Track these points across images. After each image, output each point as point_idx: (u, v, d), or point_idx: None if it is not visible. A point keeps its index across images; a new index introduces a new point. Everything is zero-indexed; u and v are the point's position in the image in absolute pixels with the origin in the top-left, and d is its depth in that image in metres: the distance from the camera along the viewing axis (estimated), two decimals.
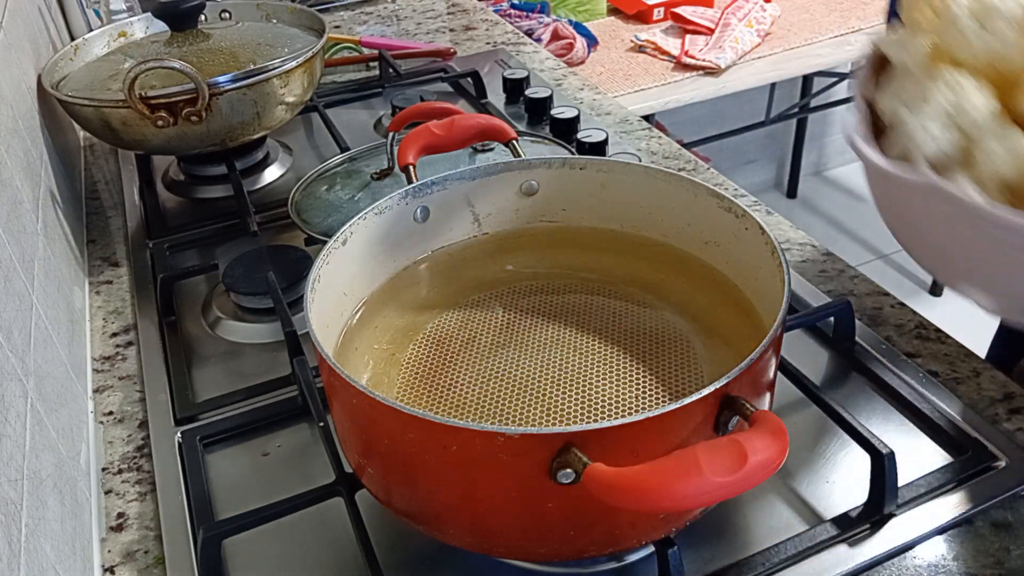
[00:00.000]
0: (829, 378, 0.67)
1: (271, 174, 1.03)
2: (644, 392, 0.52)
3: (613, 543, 0.48)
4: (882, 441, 0.55)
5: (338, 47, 1.32)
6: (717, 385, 0.42)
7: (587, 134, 0.96)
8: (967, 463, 0.58)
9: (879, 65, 0.51)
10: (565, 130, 1.01)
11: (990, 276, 0.45)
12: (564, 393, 0.52)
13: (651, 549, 0.54)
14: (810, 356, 0.69)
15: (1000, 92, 0.43)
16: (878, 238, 2.48)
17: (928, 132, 0.43)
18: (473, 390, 0.54)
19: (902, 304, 0.74)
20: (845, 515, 0.55)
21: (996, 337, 0.81)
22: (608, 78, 1.75)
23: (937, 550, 0.54)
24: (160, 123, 0.85)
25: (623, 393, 0.52)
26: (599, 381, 0.53)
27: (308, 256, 0.81)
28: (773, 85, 2.35)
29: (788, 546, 0.54)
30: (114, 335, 0.79)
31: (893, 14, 0.54)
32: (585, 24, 1.90)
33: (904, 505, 0.56)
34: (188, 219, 0.95)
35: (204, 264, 0.86)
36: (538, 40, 1.74)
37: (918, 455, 0.59)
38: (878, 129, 0.49)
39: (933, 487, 0.57)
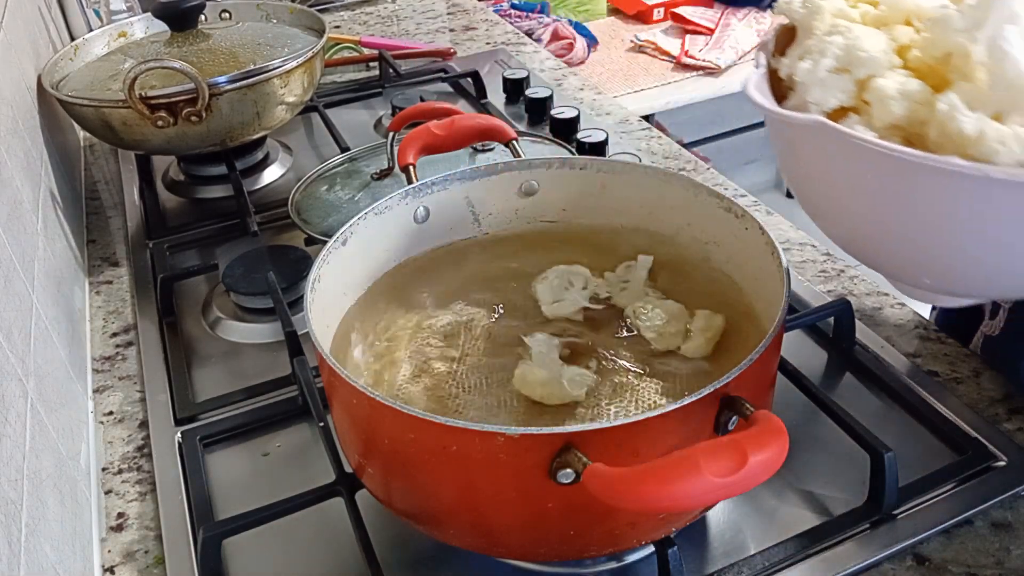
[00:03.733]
0: (829, 378, 0.67)
1: (271, 174, 1.03)
2: (644, 393, 0.52)
3: (613, 543, 0.48)
4: (882, 441, 0.55)
5: (338, 47, 1.32)
6: (717, 385, 0.42)
7: (587, 134, 0.96)
8: (967, 463, 0.58)
9: (787, 36, 0.51)
10: (565, 130, 1.01)
11: (878, 223, 0.44)
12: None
13: (651, 549, 0.54)
14: (810, 356, 0.69)
15: (897, 49, 0.44)
16: None
17: (822, 81, 0.43)
18: (473, 390, 0.53)
19: (902, 304, 0.74)
20: (845, 515, 0.55)
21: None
22: (608, 78, 1.74)
23: (937, 550, 0.54)
24: (160, 123, 0.85)
25: (623, 393, 0.52)
26: (599, 381, 0.53)
27: (308, 256, 0.81)
28: None
29: (788, 546, 0.54)
30: (114, 335, 0.79)
31: None
32: (585, 24, 1.90)
33: (904, 505, 0.56)
34: (188, 219, 0.95)
35: (204, 264, 0.86)
36: (538, 40, 1.74)
37: (918, 455, 0.59)
38: (781, 96, 0.49)
39: (933, 487, 0.57)
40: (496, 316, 0.59)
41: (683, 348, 0.55)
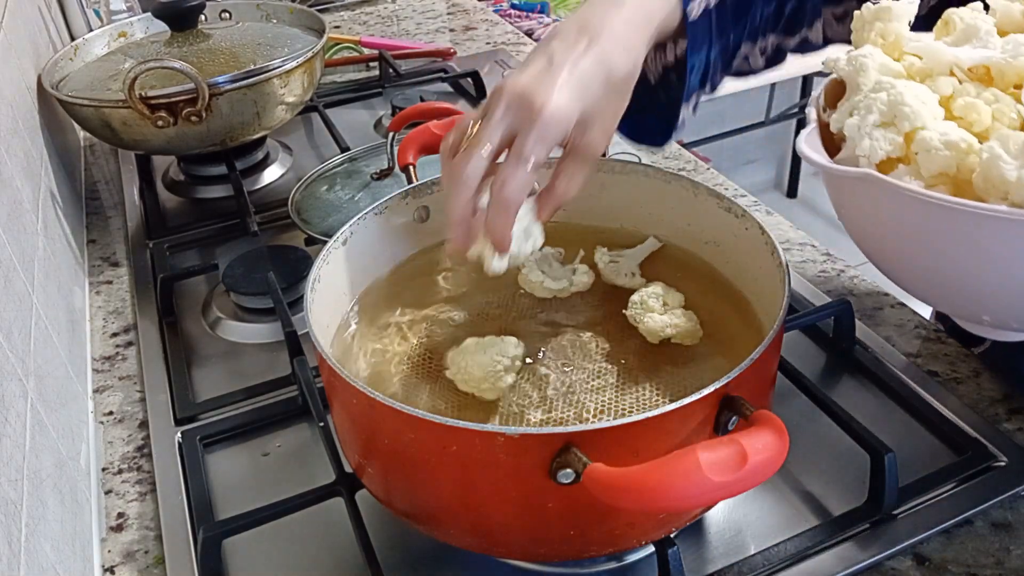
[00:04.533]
0: (829, 378, 0.67)
1: (271, 174, 1.03)
2: (644, 392, 0.52)
3: (613, 543, 0.48)
4: (882, 441, 0.55)
5: (338, 47, 1.32)
6: (717, 385, 0.42)
7: None
8: (967, 463, 0.58)
9: (837, 90, 0.53)
10: None
11: (932, 268, 0.46)
12: (564, 393, 0.52)
13: (651, 549, 0.54)
14: (810, 356, 0.69)
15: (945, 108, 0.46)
16: None
17: (870, 135, 0.45)
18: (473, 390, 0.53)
19: (902, 304, 0.74)
20: (845, 515, 0.55)
21: None
22: None
23: (937, 550, 0.54)
24: (160, 123, 0.85)
25: (623, 393, 0.52)
26: (598, 381, 0.53)
27: (308, 256, 0.81)
28: (773, 85, 2.36)
29: (788, 546, 0.54)
30: (114, 335, 0.79)
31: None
32: None
33: (904, 505, 0.56)
34: (188, 219, 0.95)
35: (204, 264, 0.86)
36: (538, 40, 1.74)
37: (918, 455, 0.59)
38: (835, 149, 0.51)
39: (933, 487, 0.57)
40: (496, 316, 0.59)
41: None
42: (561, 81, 0.49)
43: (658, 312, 0.56)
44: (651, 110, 0.62)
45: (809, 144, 0.47)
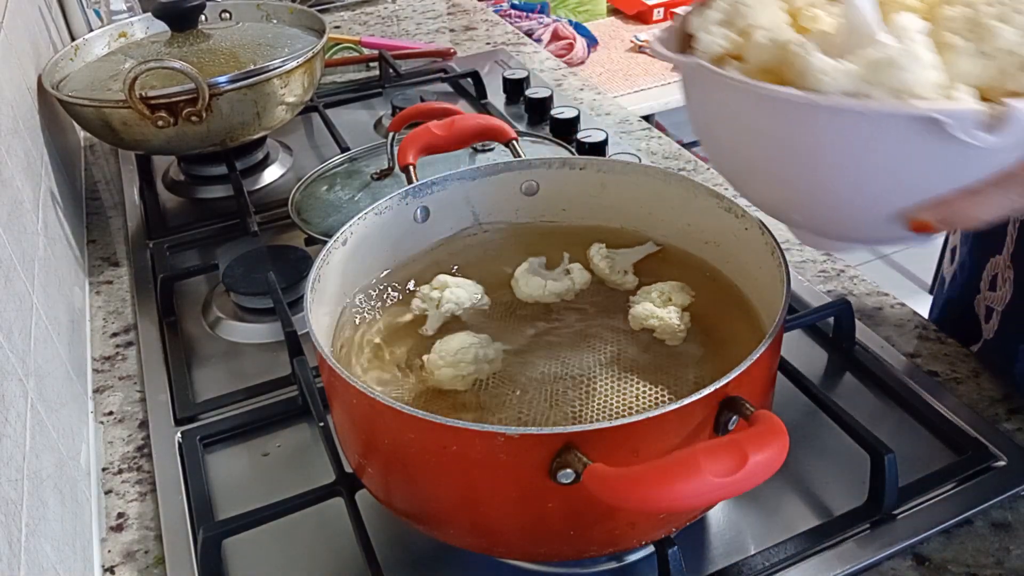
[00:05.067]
0: (829, 378, 0.67)
1: (271, 174, 1.03)
2: (644, 392, 0.52)
3: (613, 543, 0.48)
4: (882, 441, 0.55)
5: (338, 47, 1.32)
6: (717, 385, 0.42)
7: (587, 134, 0.96)
8: (967, 463, 0.58)
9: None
10: (565, 130, 1.01)
11: (750, 160, 0.46)
12: (564, 393, 0.52)
13: (651, 549, 0.54)
14: (810, 356, 0.69)
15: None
16: None
17: (709, 31, 0.46)
18: (473, 390, 0.54)
19: (902, 304, 0.74)
20: (845, 515, 0.55)
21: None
22: (608, 78, 1.75)
23: (937, 550, 0.54)
24: (160, 123, 0.85)
25: (623, 393, 0.52)
26: (599, 381, 0.53)
27: (308, 256, 0.81)
28: None
29: (788, 546, 0.54)
30: (114, 335, 0.79)
31: None
32: (585, 24, 1.90)
33: (904, 505, 0.56)
34: (188, 219, 0.95)
35: (204, 264, 0.86)
36: (538, 40, 1.75)
37: (918, 455, 0.59)
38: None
39: (933, 487, 0.57)
40: (496, 316, 0.59)
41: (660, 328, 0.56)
42: None
43: (652, 303, 0.56)
44: None
45: (659, 40, 0.48)
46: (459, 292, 0.58)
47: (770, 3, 0.46)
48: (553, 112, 1.03)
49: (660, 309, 0.56)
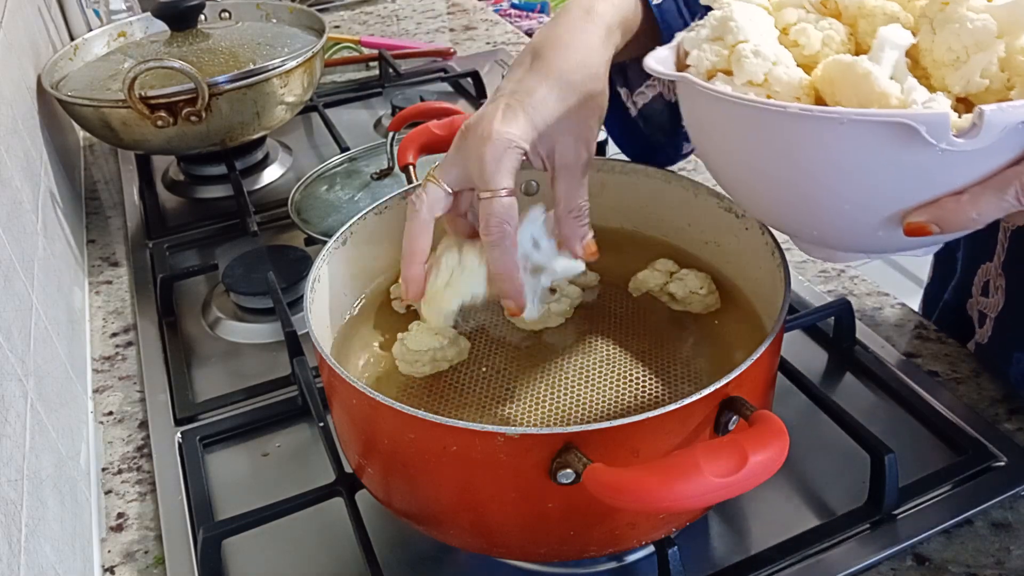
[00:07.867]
0: (829, 378, 0.67)
1: (271, 174, 1.03)
2: (644, 393, 0.52)
3: (613, 543, 0.48)
4: (882, 441, 0.55)
5: (338, 47, 1.32)
6: (717, 385, 0.42)
7: None
8: (967, 463, 0.58)
9: None
10: None
11: (743, 170, 0.47)
12: (564, 393, 0.52)
13: (651, 549, 0.54)
14: (810, 356, 0.69)
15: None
16: None
17: (700, 47, 0.47)
18: (473, 390, 0.54)
19: (902, 304, 0.74)
20: (845, 515, 0.55)
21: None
22: None
23: (937, 550, 0.54)
24: (160, 123, 0.85)
25: (623, 394, 0.52)
26: (599, 381, 0.53)
27: (308, 256, 0.81)
28: None
29: (788, 546, 0.54)
30: (114, 335, 0.79)
31: None
32: None
33: (904, 505, 0.56)
34: (188, 219, 0.95)
35: (204, 264, 0.86)
36: None
37: (918, 455, 0.59)
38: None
39: (933, 487, 0.57)
40: (496, 316, 0.59)
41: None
42: (503, 106, 0.49)
43: (660, 276, 0.59)
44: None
45: (655, 58, 0.48)
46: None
47: (758, 18, 0.46)
48: None
49: (671, 283, 0.58)
